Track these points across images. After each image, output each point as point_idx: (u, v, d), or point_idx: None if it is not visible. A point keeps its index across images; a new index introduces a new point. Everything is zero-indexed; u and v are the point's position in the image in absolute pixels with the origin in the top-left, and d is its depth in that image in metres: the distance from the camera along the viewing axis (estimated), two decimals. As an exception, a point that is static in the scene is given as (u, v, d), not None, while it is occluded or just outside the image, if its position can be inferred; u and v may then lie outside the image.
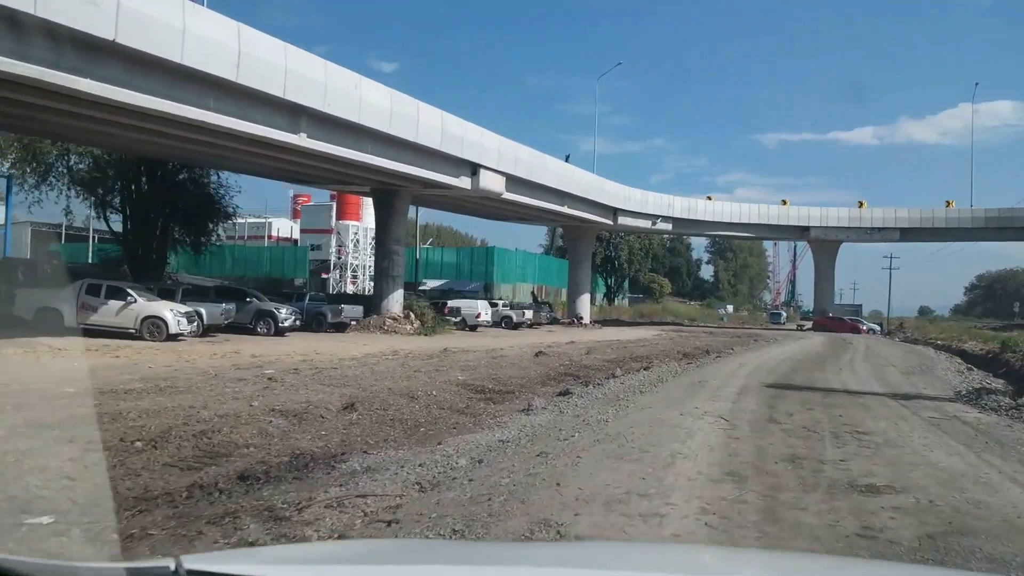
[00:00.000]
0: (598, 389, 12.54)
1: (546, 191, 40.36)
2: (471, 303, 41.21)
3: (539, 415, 9.50)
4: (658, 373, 15.85)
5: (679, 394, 11.64)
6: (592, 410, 9.88)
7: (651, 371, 16.41)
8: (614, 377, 14.40)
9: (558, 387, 13.23)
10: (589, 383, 13.67)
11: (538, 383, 14.10)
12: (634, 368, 17.84)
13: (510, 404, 11.04)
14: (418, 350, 23.20)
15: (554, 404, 10.60)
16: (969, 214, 58.96)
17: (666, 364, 18.82)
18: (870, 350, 30.29)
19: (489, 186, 34.23)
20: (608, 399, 11.18)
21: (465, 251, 67.93)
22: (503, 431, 8.39)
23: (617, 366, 18.67)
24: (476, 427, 8.82)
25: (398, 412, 9.77)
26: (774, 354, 24.51)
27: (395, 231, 35.35)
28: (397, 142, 28.12)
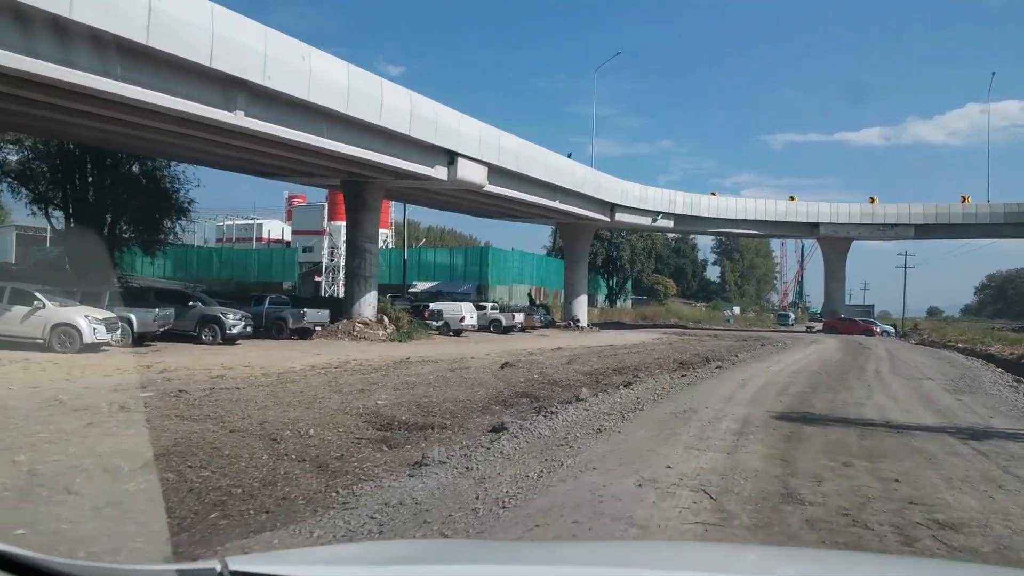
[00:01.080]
0: (549, 421, 9.05)
1: (535, 184, 36.84)
2: (454, 306, 37.77)
3: (426, 478, 6.03)
4: (640, 392, 12.32)
5: (652, 435, 8.09)
6: (511, 469, 6.37)
7: (633, 389, 12.89)
8: (578, 400, 10.87)
9: (499, 417, 9.75)
10: (543, 410, 10.18)
11: (478, 410, 10.63)
12: (614, 384, 14.34)
13: (407, 451, 7.61)
14: (374, 360, 19.88)
15: (467, 452, 7.12)
16: (987, 209, 55.10)
17: (655, 378, 15.30)
18: (894, 357, 26.57)
19: (468, 177, 30.77)
20: (548, 444, 7.66)
21: (459, 251, 64.46)
22: (333, 521, 4.93)
23: (594, 381, 15.19)
24: (295, 515, 5.33)
25: (217, 473, 6.32)
26: (785, 363, 20.90)
27: (367, 227, 31.94)
28: (358, 125, 24.72)
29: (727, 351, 28.14)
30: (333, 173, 30.58)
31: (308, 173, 31.61)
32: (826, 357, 24.44)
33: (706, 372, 16.97)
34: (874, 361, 23.03)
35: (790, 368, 18.70)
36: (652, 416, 9.48)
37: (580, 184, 40.66)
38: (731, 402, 10.93)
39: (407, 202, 41.87)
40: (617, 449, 7.32)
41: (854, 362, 22.39)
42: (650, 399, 11.16)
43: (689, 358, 23.29)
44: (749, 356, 24.94)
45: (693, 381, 14.36)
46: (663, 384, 13.80)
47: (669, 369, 18.79)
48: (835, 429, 8.72)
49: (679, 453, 7.11)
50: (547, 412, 9.80)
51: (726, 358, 23.51)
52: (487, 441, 7.85)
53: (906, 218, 55.94)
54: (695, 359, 22.59)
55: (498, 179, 33.66)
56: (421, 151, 28.57)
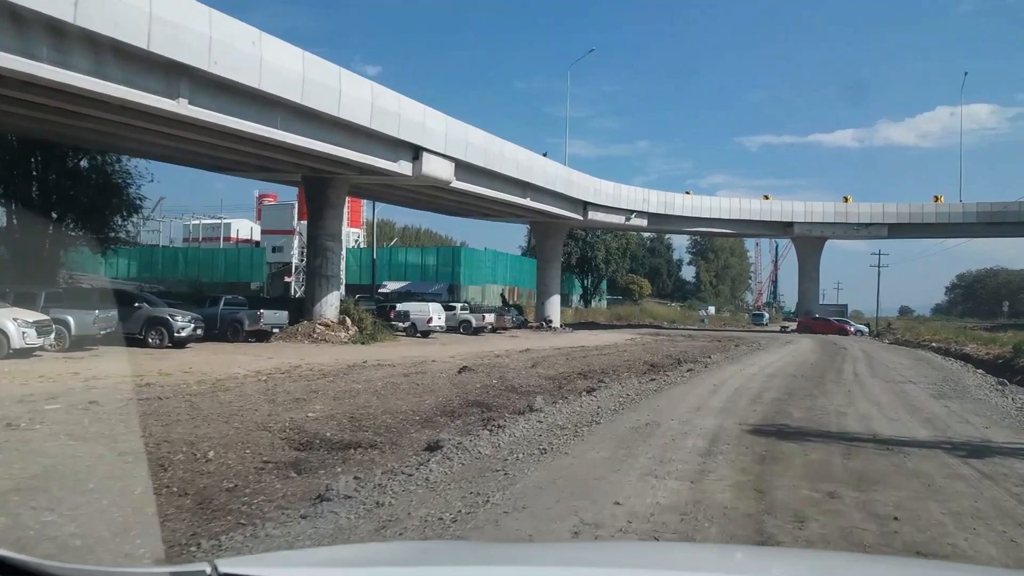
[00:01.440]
0: (493, 437, 7.90)
1: (504, 181, 35.69)
2: (422, 306, 36.49)
3: (320, 520, 4.78)
4: (602, 400, 11.20)
5: (605, 457, 6.93)
6: (426, 507, 5.04)
7: (595, 396, 11.78)
8: (532, 411, 9.72)
9: (439, 431, 8.59)
10: (491, 422, 9.02)
11: (418, 423, 9.44)
12: (576, 390, 13.23)
13: (317, 479, 6.40)
14: (327, 365, 18.66)
15: (386, 480, 5.92)
16: (960, 209, 54.88)
17: (621, 383, 14.20)
18: (871, 357, 25.71)
19: (434, 172, 29.54)
20: (483, 468, 6.40)
21: (431, 251, 63.11)
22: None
23: (556, 387, 14.08)
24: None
25: (65, 517, 5.07)
26: (760, 365, 19.92)
27: (329, 225, 30.58)
28: (315, 117, 23.41)
29: (700, 352, 27.18)
30: (294, 168, 29.21)
31: (268, 168, 30.20)
32: (802, 358, 23.54)
33: (676, 376, 15.90)
34: (851, 362, 22.13)
35: (765, 371, 17.70)
36: (610, 431, 8.33)
37: (551, 181, 39.57)
38: (700, 412, 9.83)
39: (372, 199, 40.46)
40: (560, 478, 6.13)
41: (831, 363, 21.48)
42: (611, 408, 10.03)
43: (660, 360, 22.29)
44: (723, 357, 23.97)
45: (661, 387, 13.27)
46: (629, 390, 12.69)
47: (638, 372, 17.73)
48: (816, 446, 7.62)
49: (633, 483, 5.94)
50: (494, 425, 8.64)
51: (699, 360, 22.52)
52: (415, 464, 6.67)
53: (880, 217, 55.55)
54: (666, 361, 21.58)
55: (466, 175, 32.48)
56: (384, 145, 27.32)
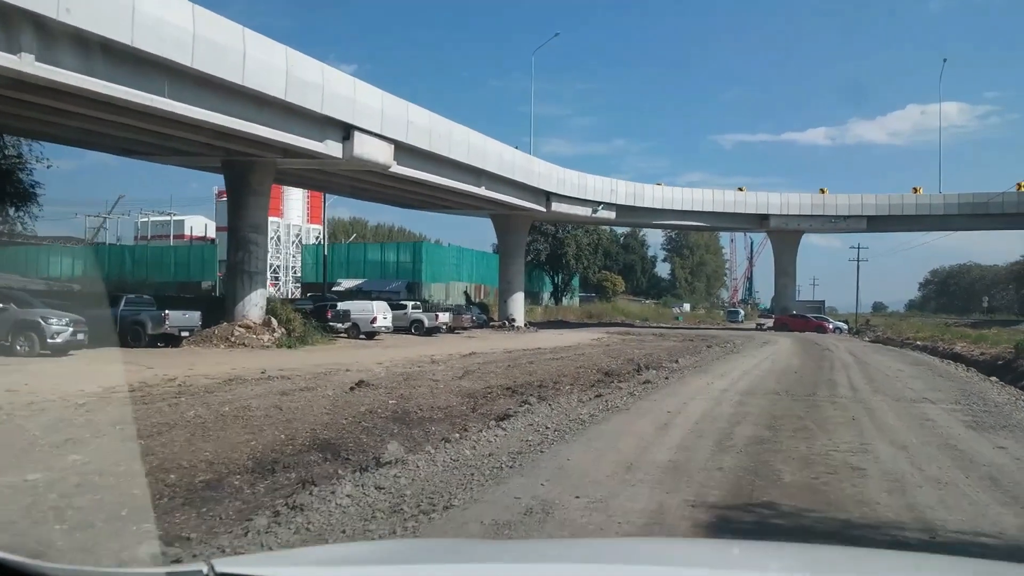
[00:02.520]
0: (244, 539, 4.36)
1: (454, 167, 32.09)
2: (365, 305, 32.81)
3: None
4: (504, 440, 7.66)
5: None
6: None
7: (503, 430, 8.25)
8: (377, 467, 6.14)
9: (186, 520, 5.04)
10: (296, 495, 5.46)
11: (182, 494, 5.83)
12: (490, 415, 9.73)
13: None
14: (215, 377, 15.40)
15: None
16: (941, 200, 52.06)
17: (554, 403, 10.71)
18: (862, 361, 22.27)
19: (369, 155, 25.90)
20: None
21: (391, 247, 59.24)
22: None
23: (466, 410, 10.57)
24: None
25: None
26: (733, 376, 16.27)
27: (251, 215, 26.81)
28: (214, 84, 19.73)
29: (668, 355, 23.77)
30: (209, 151, 25.43)
31: (182, 152, 26.35)
32: (783, 364, 20.08)
33: (629, 391, 12.38)
34: (842, 369, 18.66)
35: (739, 384, 14.06)
36: (464, 522, 4.77)
37: (509, 169, 36.02)
38: (634, 471, 6.12)
39: (304, 186, 36.38)
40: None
41: (819, 371, 17.92)
42: (504, 462, 6.44)
43: (619, 366, 18.84)
44: (692, 362, 20.56)
45: (600, 413, 9.61)
46: (556, 418, 9.18)
47: (584, 385, 14.25)
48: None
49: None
50: (289, 504, 5.09)
51: (663, 365, 19.10)
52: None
53: (858, 209, 52.63)
54: (625, 368, 18.14)
55: (409, 160, 28.86)
56: (307, 123, 23.64)
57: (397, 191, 34.42)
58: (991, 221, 51.72)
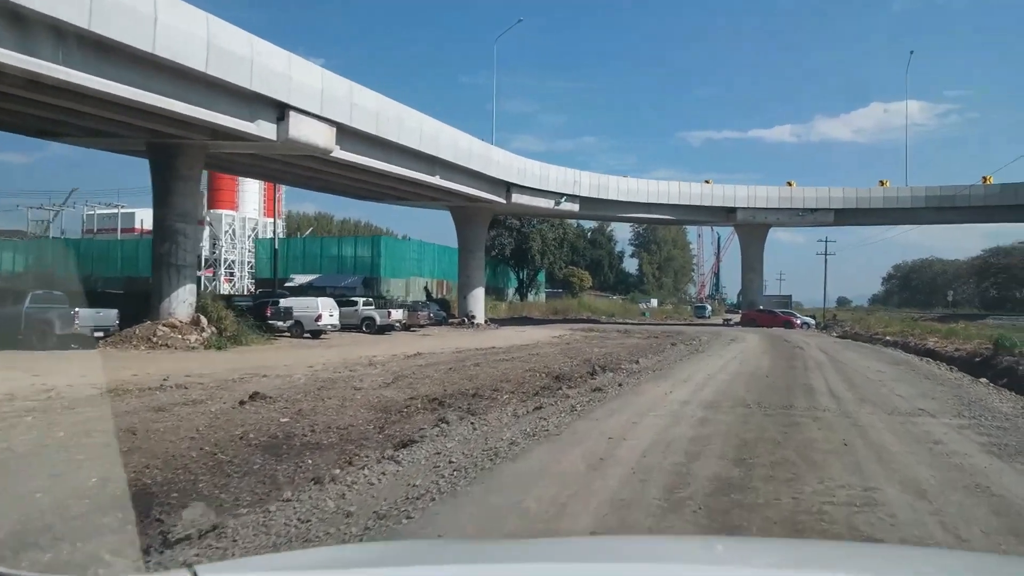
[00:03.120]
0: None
1: (405, 154, 29.87)
2: (309, 302, 30.47)
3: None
4: (405, 476, 5.70)
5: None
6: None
7: (413, 454, 6.26)
8: (189, 541, 4.09)
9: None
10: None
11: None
12: (396, 438, 7.69)
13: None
14: (95, 385, 13.02)
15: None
16: (908, 193, 51.00)
17: (478, 422, 8.71)
18: (837, 360, 20.43)
19: (307, 138, 23.62)
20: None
21: (348, 241, 56.66)
22: None
23: (376, 429, 8.51)
24: None
25: None
26: (698, 380, 14.22)
27: (179, 202, 24.38)
28: (121, 52, 17.34)
29: (629, 354, 21.91)
30: (129, 131, 22.93)
31: (102, 132, 23.86)
32: (752, 365, 18.11)
33: (572, 404, 10.31)
34: (817, 370, 16.70)
35: (703, 393, 11.89)
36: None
37: (465, 157, 33.88)
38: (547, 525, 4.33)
39: (240, 173, 33.72)
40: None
41: (793, 375, 15.93)
42: (356, 532, 4.45)
43: (573, 368, 16.91)
44: (653, 363, 18.69)
45: (526, 438, 7.44)
46: (469, 446, 7.13)
47: (528, 392, 12.27)
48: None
49: None
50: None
51: (622, 367, 17.19)
52: None
53: (825, 202, 51.36)
54: (580, 370, 16.21)
55: (354, 145, 26.63)
56: (234, 100, 21.32)
57: (344, 179, 32.04)
58: (958, 214, 50.78)
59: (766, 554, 2.50)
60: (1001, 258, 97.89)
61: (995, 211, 50.06)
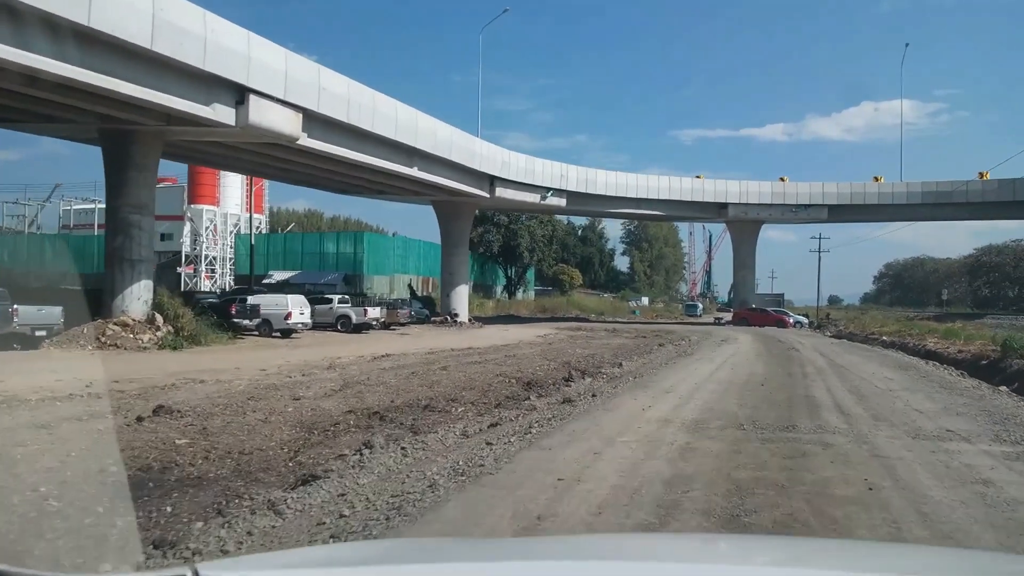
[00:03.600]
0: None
1: (381, 144, 28.21)
2: (278, 299, 28.77)
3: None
4: (281, 532, 4.13)
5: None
6: None
7: (306, 499, 4.68)
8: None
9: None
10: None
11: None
12: (306, 469, 6.08)
13: None
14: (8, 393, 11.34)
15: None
16: (904, 189, 49.56)
17: (426, 438, 7.21)
18: (837, 365, 18.66)
19: (270, 124, 21.95)
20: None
21: (330, 236, 54.90)
22: None
23: (281, 460, 6.87)
24: None
25: None
26: (683, 389, 12.29)
27: (134, 193, 22.67)
28: (53, 24, 15.64)
29: (613, 356, 20.37)
30: (78, 115, 21.23)
31: (50, 118, 22.13)
32: (746, 372, 16.15)
33: (533, 421, 8.64)
34: (818, 378, 14.92)
35: (687, 409, 10.09)
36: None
37: (445, 148, 32.21)
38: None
39: (203, 163, 31.56)
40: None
41: (792, 383, 14.05)
42: None
43: (548, 372, 15.35)
44: (637, 367, 17.12)
45: (454, 478, 5.58)
46: (381, 486, 5.48)
47: (490, 403, 10.71)
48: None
49: None
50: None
51: (602, 371, 15.62)
52: None
53: (819, 198, 49.89)
54: (554, 375, 14.65)
55: (323, 133, 24.96)
56: (186, 80, 19.63)
57: (317, 170, 30.31)
58: (955, 210, 49.39)
59: (768, 551, 2.47)
60: (993, 256, 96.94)
61: (992, 207, 48.69)
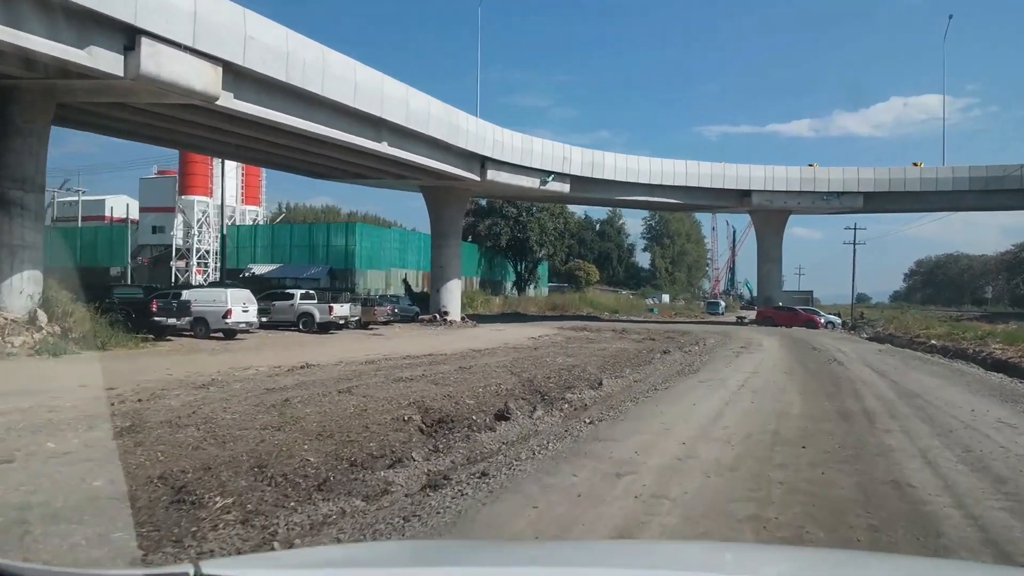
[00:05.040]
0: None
1: (338, 112, 23.46)
2: (217, 295, 24.19)
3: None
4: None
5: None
6: None
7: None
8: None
9: None
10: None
11: None
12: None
13: None
14: None
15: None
16: (950, 174, 43.72)
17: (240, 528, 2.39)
18: (904, 389, 12.42)
19: (172, 75, 17.26)
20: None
21: (320, 228, 50.30)
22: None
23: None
24: None
25: None
26: (672, 446, 7.19)
27: (14, 163, 18.15)
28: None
29: (601, 367, 15.48)
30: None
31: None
32: (773, 408, 10.50)
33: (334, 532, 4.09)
34: (894, 425, 9.13)
35: (663, 515, 5.02)
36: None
37: (421, 122, 27.35)
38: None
39: (106, 131, 25.77)
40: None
41: (852, 437, 8.24)
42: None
43: (485, 401, 10.49)
44: (619, 390, 12.13)
45: None
46: None
47: (301, 488, 5.83)
48: None
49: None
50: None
51: (569, 395, 10.70)
52: None
53: (853, 185, 44.24)
54: (488, 406, 9.77)
55: (256, 94, 20.28)
56: (52, 16, 15.02)
57: (260, 144, 25.42)
58: (1008, 198, 43.29)
59: (775, 562, 2.43)
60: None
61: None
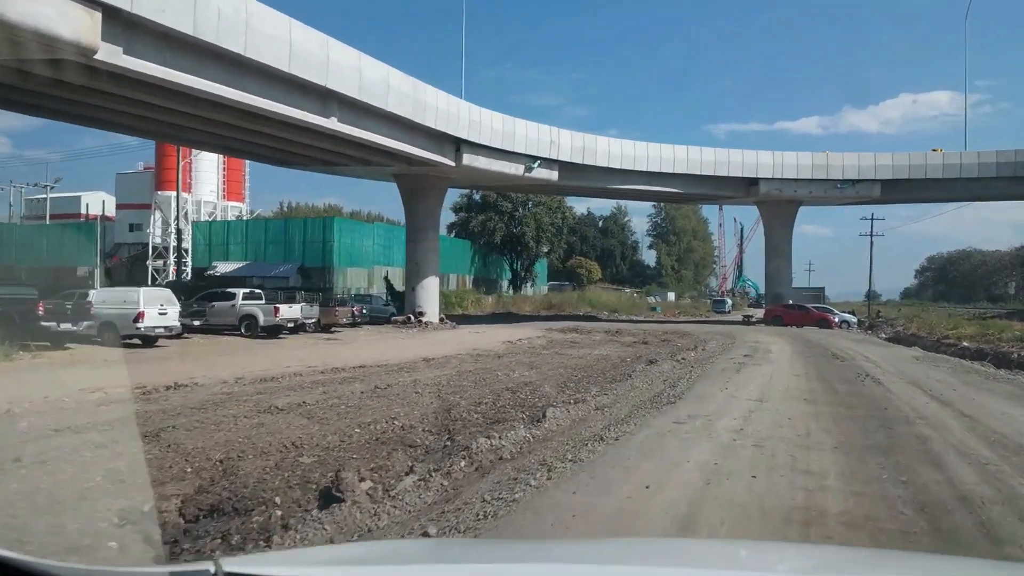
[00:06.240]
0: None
1: (272, 79, 19.64)
2: (127, 295, 20.38)
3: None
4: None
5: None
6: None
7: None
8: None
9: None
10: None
11: None
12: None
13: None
14: None
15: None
16: (975, 159, 39.46)
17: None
18: (978, 423, 9.10)
19: (22, 16, 13.50)
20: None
21: (295, 223, 46.51)
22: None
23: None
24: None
25: None
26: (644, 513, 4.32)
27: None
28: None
29: (559, 388, 11.62)
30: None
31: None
32: (795, 478, 6.08)
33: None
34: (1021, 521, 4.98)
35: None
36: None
37: (379, 95, 23.46)
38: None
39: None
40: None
41: (895, 474, 5.48)
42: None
43: (427, 421, 6.57)
44: (565, 426, 8.25)
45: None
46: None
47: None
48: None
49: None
50: None
51: (472, 447, 6.82)
52: None
53: (870, 172, 40.06)
54: (429, 432, 5.85)
55: (157, 51, 16.49)
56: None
57: (182, 117, 21.41)
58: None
59: (789, 559, 2.41)
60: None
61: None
